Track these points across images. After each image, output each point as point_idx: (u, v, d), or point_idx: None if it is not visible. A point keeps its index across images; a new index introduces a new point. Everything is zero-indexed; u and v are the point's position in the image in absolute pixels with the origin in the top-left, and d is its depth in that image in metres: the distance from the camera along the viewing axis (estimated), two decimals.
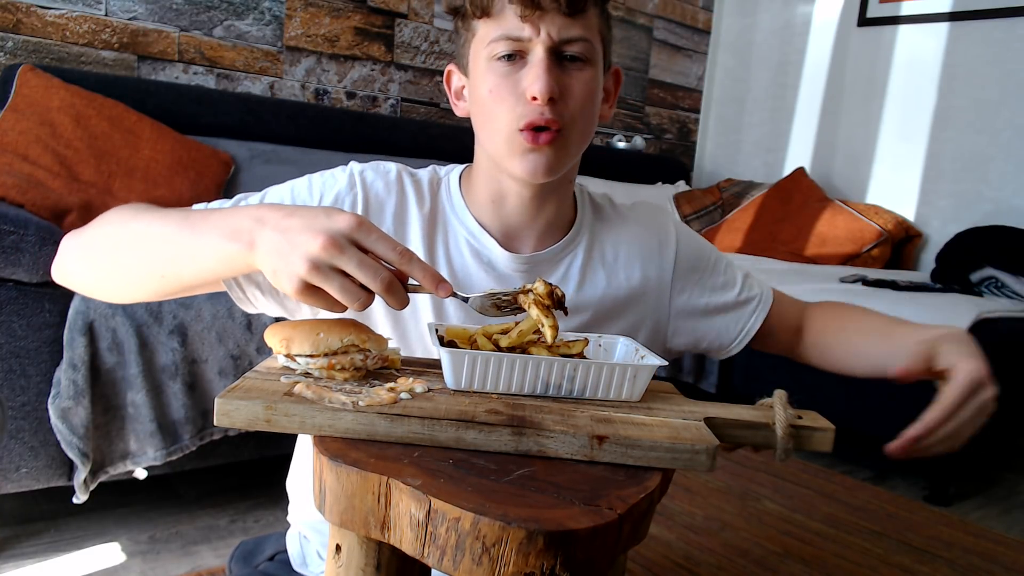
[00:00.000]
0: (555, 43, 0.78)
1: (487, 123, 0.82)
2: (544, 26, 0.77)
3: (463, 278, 0.87)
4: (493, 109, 0.80)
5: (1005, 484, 2.43)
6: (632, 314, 0.93)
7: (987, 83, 3.04)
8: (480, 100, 0.82)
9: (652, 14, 3.66)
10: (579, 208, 0.94)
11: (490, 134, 0.82)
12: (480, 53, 0.81)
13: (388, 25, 2.79)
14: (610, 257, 0.92)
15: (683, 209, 3.46)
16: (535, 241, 0.89)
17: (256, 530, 1.67)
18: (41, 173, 1.77)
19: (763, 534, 1.81)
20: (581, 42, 0.79)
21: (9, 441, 1.40)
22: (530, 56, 0.79)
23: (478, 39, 0.81)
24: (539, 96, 0.77)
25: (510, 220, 0.88)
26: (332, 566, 0.59)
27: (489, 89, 0.80)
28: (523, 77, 0.78)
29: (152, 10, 2.28)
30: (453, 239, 0.88)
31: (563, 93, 0.79)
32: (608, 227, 0.94)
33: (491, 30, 0.79)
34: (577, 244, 0.91)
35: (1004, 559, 1.80)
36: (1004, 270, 2.53)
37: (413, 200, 0.87)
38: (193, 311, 1.53)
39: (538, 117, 0.78)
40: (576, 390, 0.67)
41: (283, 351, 0.65)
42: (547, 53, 0.78)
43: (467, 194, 0.90)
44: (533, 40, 0.78)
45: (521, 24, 0.77)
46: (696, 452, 0.58)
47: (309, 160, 2.34)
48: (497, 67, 0.79)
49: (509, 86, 0.79)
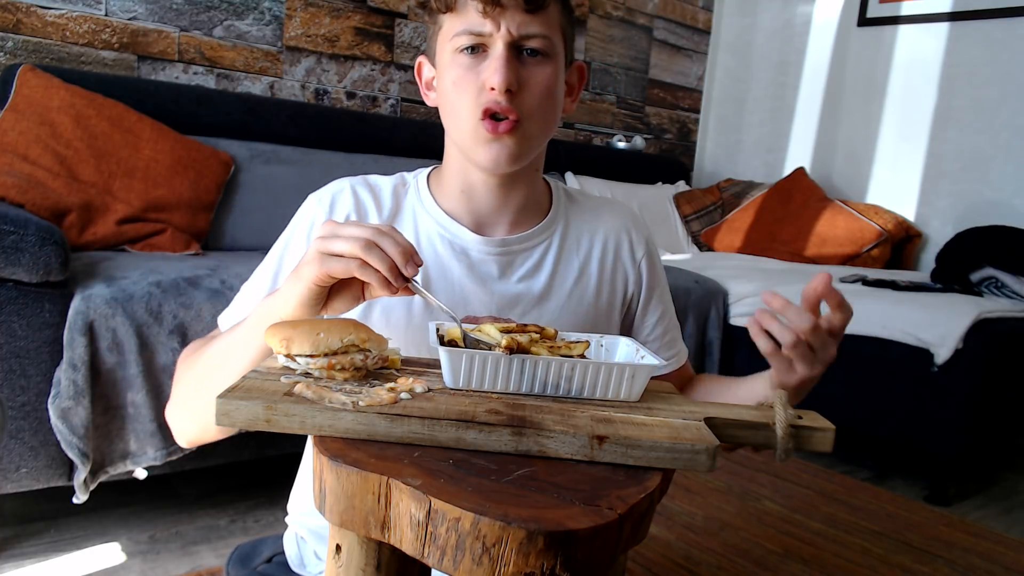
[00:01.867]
0: (515, 38, 0.82)
1: (452, 112, 0.86)
2: (504, 21, 0.81)
3: (436, 269, 0.90)
4: (457, 99, 0.84)
5: (1005, 484, 2.43)
6: (601, 304, 0.96)
7: (987, 83, 3.04)
8: (445, 90, 0.86)
9: (652, 14, 3.66)
10: (554, 198, 0.98)
11: (455, 122, 0.86)
12: (445, 46, 0.85)
13: (388, 25, 2.79)
14: (585, 246, 0.97)
15: (683, 209, 3.46)
16: (508, 227, 0.93)
17: (256, 530, 1.67)
18: (41, 173, 1.77)
19: (763, 534, 1.82)
20: (540, 38, 0.83)
21: (9, 441, 1.40)
22: (491, 50, 0.82)
23: (443, 33, 0.85)
24: (497, 87, 0.81)
25: (480, 209, 0.92)
26: (332, 566, 0.59)
27: (453, 80, 0.84)
28: (484, 69, 0.82)
29: (152, 10, 2.28)
30: (425, 234, 0.91)
31: (522, 85, 0.83)
32: (583, 218, 0.98)
33: (455, 24, 0.83)
34: (553, 231, 0.95)
35: (1004, 559, 1.80)
36: (1004, 270, 2.53)
37: (371, 206, 0.91)
38: (193, 311, 1.53)
39: (494, 104, 0.82)
40: (574, 390, 0.67)
41: (283, 351, 0.65)
42: (507, 47, 0.81)
43: (436, 190, 0.94)
44: (494, 35, 0.81)
45: (483, 20, 0.81)
46: (696, 452, 0.58)
47: (309, 160, 2.34)
48: (460, 59, 0.83)
49: (471, 77, 0.83)
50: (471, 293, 0.90)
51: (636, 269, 0.99)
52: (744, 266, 2.90)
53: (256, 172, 2.23)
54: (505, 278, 0.91)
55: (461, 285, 0.89)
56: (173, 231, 1.94)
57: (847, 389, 2.37)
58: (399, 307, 0.88)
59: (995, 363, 2.13)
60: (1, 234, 1.35)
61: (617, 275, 0.98)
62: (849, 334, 2.63)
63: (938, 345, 2.14)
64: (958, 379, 2.12)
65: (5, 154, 1.76)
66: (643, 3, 3.61)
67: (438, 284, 0.89)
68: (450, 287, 0.89)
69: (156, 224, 1.92)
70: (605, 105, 3.57)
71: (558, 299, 0.93)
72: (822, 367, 0.77)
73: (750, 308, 2.54)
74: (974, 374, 2.11)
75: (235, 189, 2.17)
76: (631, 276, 0.99)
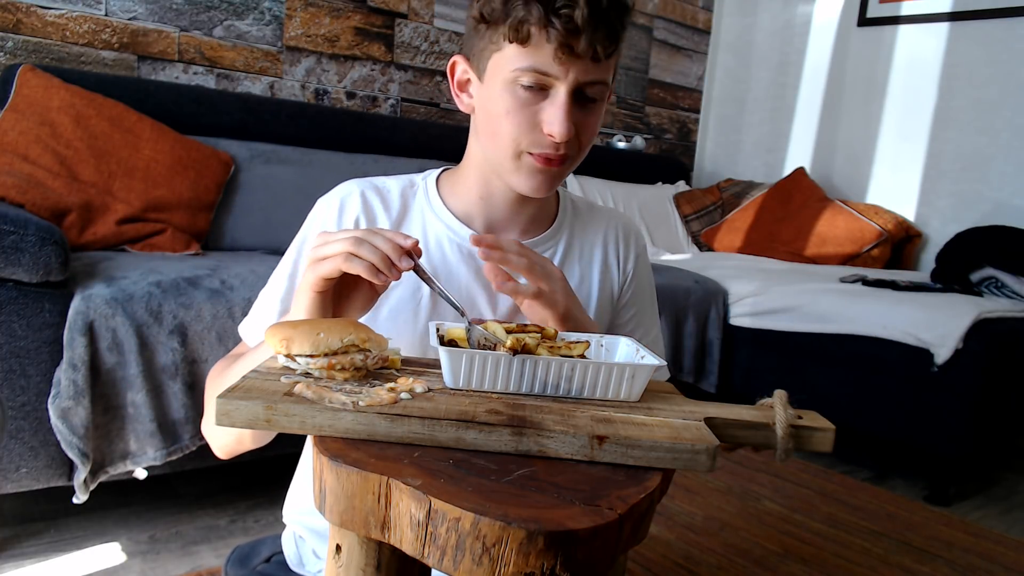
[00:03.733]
0: (579, 85, 0.81)
1: (496, 137, 0.84)
2: (573, 69, 0.79)
3: (443, 271, 0.90)
4: (505, 127, 0.83)
5: (1005, 484, 2.43)
6: (600, 311, 0.99)
7: (987, 83, 3.04)
8: (493, 114, 0.84)
9: (652, 14, 3.66)
10: (561, 206, 0.99)
11: (497, 145, 0.85)
12: (502, 71, 0.82)
13: (388, 25, 2.79)
14: (586, 255, 0.99)
15: (683, 209, 3.46)
16: (517, 234, 0.94)
17: (256, 530, 1.67)
18: (41, 173, 1.77)
19: (763, 534, 1.82)
20: (600, 85, 0.83)
21: (9, 441, 1.40)
22: (552, 92, 0.81)
23: (504, 57, 0.81)
24: (557, 137, 0.81)
25: (494, 215, 0.93)
26: (332, 566, 0.59)
27: (507, 110, 0.82)
28: (542, 110, 0.81)
29: (152, 10, 2.28)
30: (433, 236, 0.92)
31: (576, 130, 0.83)
32: (584, 227, 1.00)
33: (522, 58, 0.80)
34: (558, 240, 0.97)
35: (1004, 559, 1.80)
36: (1004, 270, 2.53)
37: (380, 209, 0.92)
38: (193, 311, 1.53)
39: (552, 152, 0.82)
40: (575, 390, 0.67)
41: (283, 351, 0.65)
42: (570, 95, 0.80)
43: (448, 193, 0.94)
44: (560, 79, 0.80)
45: (552, 63, 0.79)
46: (696, 452, 0.58)
47: (309, 160, 2.34)
48: (518, 92, 0.81)
49: (527, 115, 0.82)
50: (478, 296, 0.91)
51: (623, 274, 1.02)
52: (744, 266, 2.90)
53: (256, 172, 2.23)
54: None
55: (468, 288, 0.91)
56: (173, 231, 1.94)
57: (847, 389, 2.37)
58: (406, 308, 0.89)
59: (995, 363, 2.13)
60: (1, 234, 1.35)
61: (611, 282, 1.01)
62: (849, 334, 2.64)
63: (938, 345, 2.14)
64: (958, 379, 2.12)
65: (5, 154, 1.76)
66: (643, 3, 3.61)
67: (446, 286, 0.90)
68: (458, 290, 0.90)
69: (156, 224, 1.92)
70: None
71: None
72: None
73: (750, 308, 2.54)
74: (974, 374, 2.11)
75: (235, 189, 2.17)
76: (617, 280, 1.02)
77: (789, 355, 2.49)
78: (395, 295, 0.88)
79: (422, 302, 0.89)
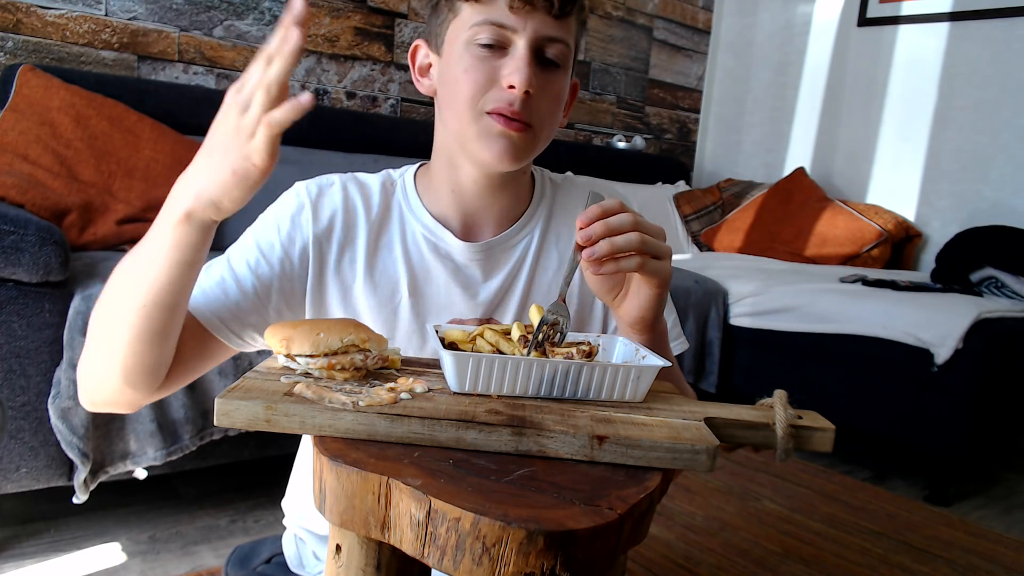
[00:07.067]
0: (538, 39, 0.80)
1: (454, 102, 0.82)
2: (531, 22, 0.79)
3: (422, 272, 0.89)
4: (464, 87, 0.81)
5: (1005, 484, 2.43)
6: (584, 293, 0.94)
7: (987, 83, 3.04)
8: (452, 79, 0.82)
9: (652, 14, 3.66)
10: (536, 191, 0.95)
11: (457, 113, 0.83)
12: (460, 35, 0.81)
13: (388, 25, 2.79)
14: (565, 236, 0.94)
15: (683, 209, 3.46)
16: (493, 227, 0.92)
17: (256, 530, 1.67)
18: (41, 173, 1.77)
19: (763, 534, 1.82)
20: (561, 44, 0.81)
21: (9, 441, 1.40)
22: (511, 49, 0.80)
23: (460, 20, 0.82)
24: (518, 86, 0.78)
25: (468, 208, 0.90)
26: (332, 566, 0.59)
27: (464, 68, 0.81)
28: (503, 66, 0.80)
29: (152, 10, 2.28)
30: (411, 235, 0.89)
31: (537, 91, 0.80)
32: (563, 209, 0.96)
33: (477, 13, 0.80)
34: (533, 227, 0.93)
35: (1004, 559, 1.80)
36: (1004, 270, 2.53)
37: (360, 206, 0.89)
38: None
39: (507, 107, 0.79)
40: (580, 392, 0.67)
41: (283, 351, 0.65)
42: (529, 48, 0.79)
43: (423, 190, 0.92)
44: (517, 32, 0.79)
45: (509, 13, 0.78)
46: (696, 452, 0.58)
47: (309, 160, 2.34)
48: (476, 51, 0.80)
49: (486, 70, 0.80)
50: (456, 296, 0.89)
51: None
52: (744, 266, 2.90)
53: None
54: (489, 281, 0.90)
55: (447, 289, 0.89)
56: None
57: (847, 389, 2.37)
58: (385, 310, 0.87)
59: (995, 363, 2.13)
60: (1, 234, 1.35)
61: None
62: (849, 334, 2.64)
63: (938, 345, 2.14)
64: (958, 379, 2.12)
65: (5, 154, 1.76)
66: (643, 3, 3.61)
67: (425, 287, 0.88)
68: (436, 290, 0.89)
69: None
70: (605, 105, 3.57)
71: (540, 294, 0.92)
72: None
73: (750, 308, 2.54)
74: (974, 374, 2.11)
75: None
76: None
77: (789, 355, 2.49)
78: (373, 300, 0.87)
79: (401, 303, 0.87)
